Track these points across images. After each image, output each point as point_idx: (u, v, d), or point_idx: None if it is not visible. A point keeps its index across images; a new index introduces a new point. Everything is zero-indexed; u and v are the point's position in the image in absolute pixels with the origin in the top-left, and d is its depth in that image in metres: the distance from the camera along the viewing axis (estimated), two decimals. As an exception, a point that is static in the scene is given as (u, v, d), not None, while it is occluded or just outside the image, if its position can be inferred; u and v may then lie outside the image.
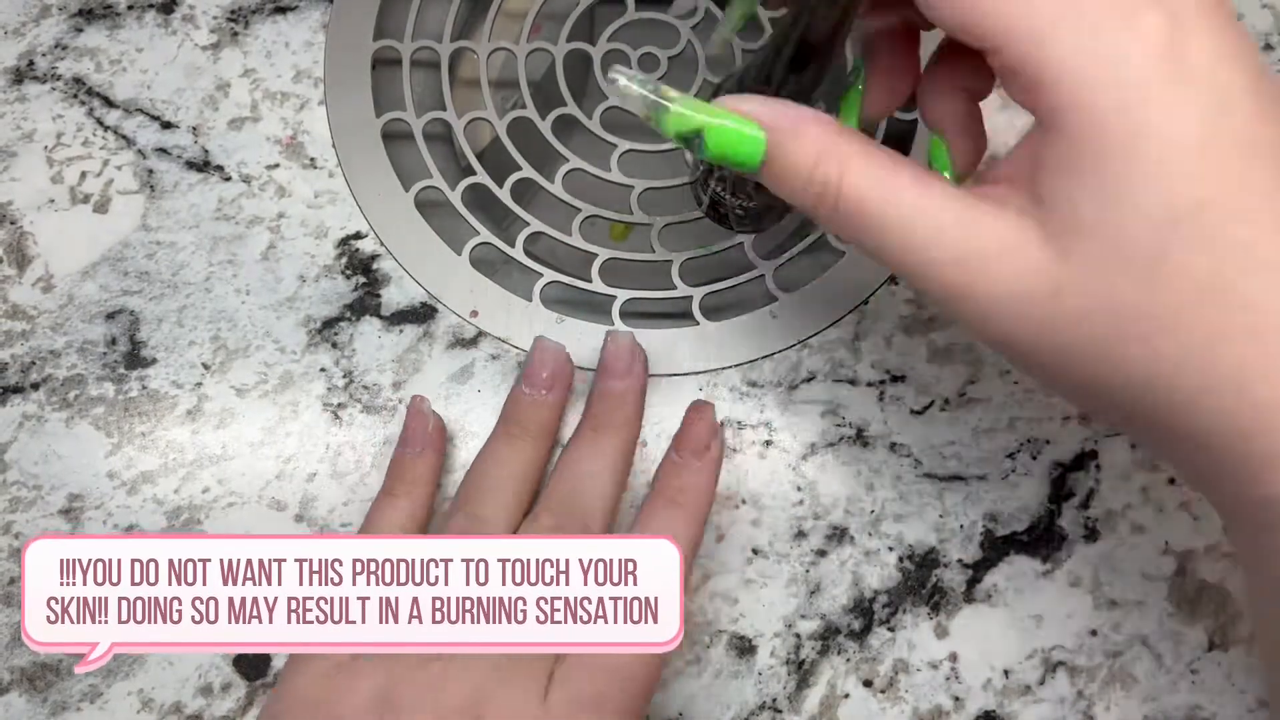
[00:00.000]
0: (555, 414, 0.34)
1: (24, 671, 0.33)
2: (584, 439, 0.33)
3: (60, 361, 0.35)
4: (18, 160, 0.37)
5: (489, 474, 0.33)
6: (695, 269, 0.38)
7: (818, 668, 0.34)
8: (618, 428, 0.34)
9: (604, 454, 0.33)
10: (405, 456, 0.34)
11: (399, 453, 0.34)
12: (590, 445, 0.33)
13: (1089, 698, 0.35)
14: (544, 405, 0.34)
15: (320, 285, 0.37)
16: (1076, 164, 0.22)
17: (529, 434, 0.34)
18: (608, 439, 0.33)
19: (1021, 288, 0.23)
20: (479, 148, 0.40)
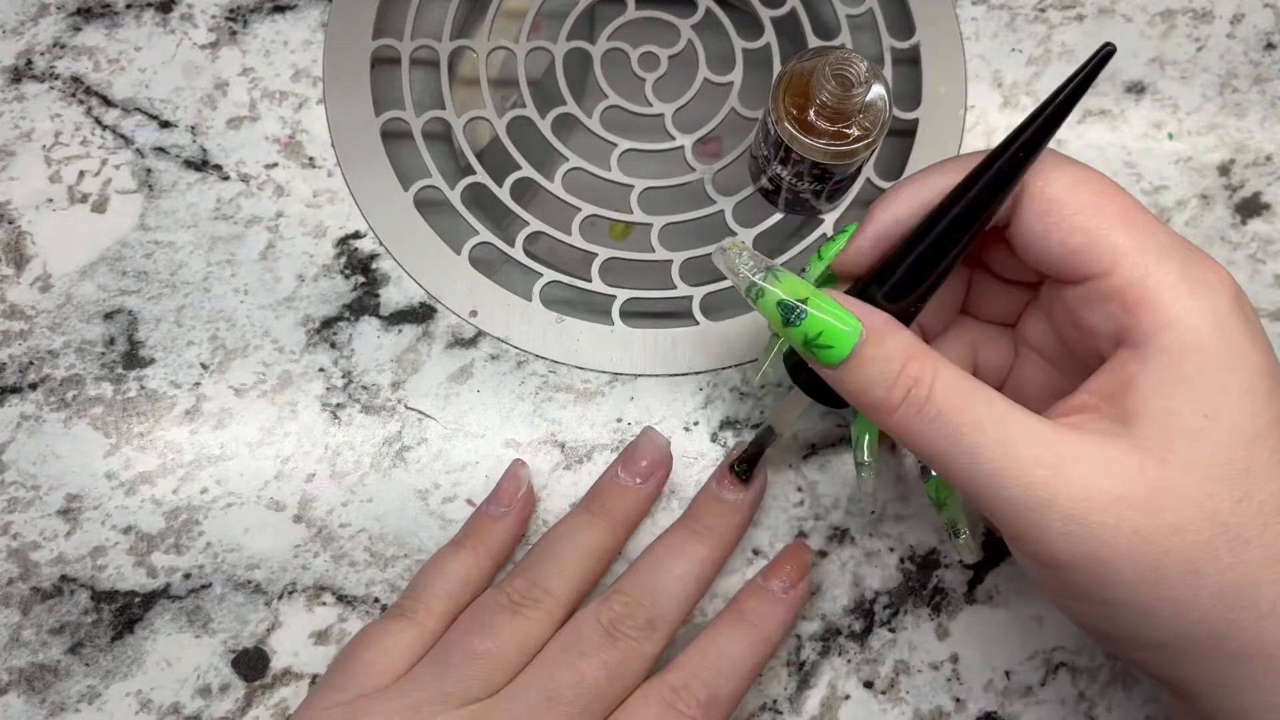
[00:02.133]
0: (641, 506, 0.34)
1: (22, 672, 0.33)
2: (679, 537, 0.32)
3: (58, 361, 0.35)
4: (16, 159, 0.37)
5: (557, 545, 0.32)
6: (695, 269, 0.38)
7: (818, 669, 0.34)
8: (718, 535, 0.33)
9: (695, 559, 0.32)
10: (486, 514, 0.34)
11: (482, 509, 0.34)
12: (684, 544, 0.32)
13: (1090, 699, 0.34)
14: (631, 493, 0.33)
15: (319, 285, 0.36)
16: (1174, 378, 0.23)
17: (609, 517, 0.33)
18: (704, 545, 0.32)
19: (1118, 494, 0.23)
20: (478, 147, 0.39)
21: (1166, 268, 0.24)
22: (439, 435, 0.35)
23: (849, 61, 0.31)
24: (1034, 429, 0.23)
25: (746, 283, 0.25)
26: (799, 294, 0.25)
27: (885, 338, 0.24)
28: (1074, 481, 0.23)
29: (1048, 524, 0.23)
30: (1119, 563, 0.23)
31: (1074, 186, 0.25)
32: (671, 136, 0.39)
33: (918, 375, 0.24)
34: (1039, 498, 0.23)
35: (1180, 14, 0.41)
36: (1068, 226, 0.25)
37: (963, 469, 0.24)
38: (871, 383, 0.24)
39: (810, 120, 0.32)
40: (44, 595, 0.33)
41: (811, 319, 0.24)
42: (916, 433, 0.24)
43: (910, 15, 0.40)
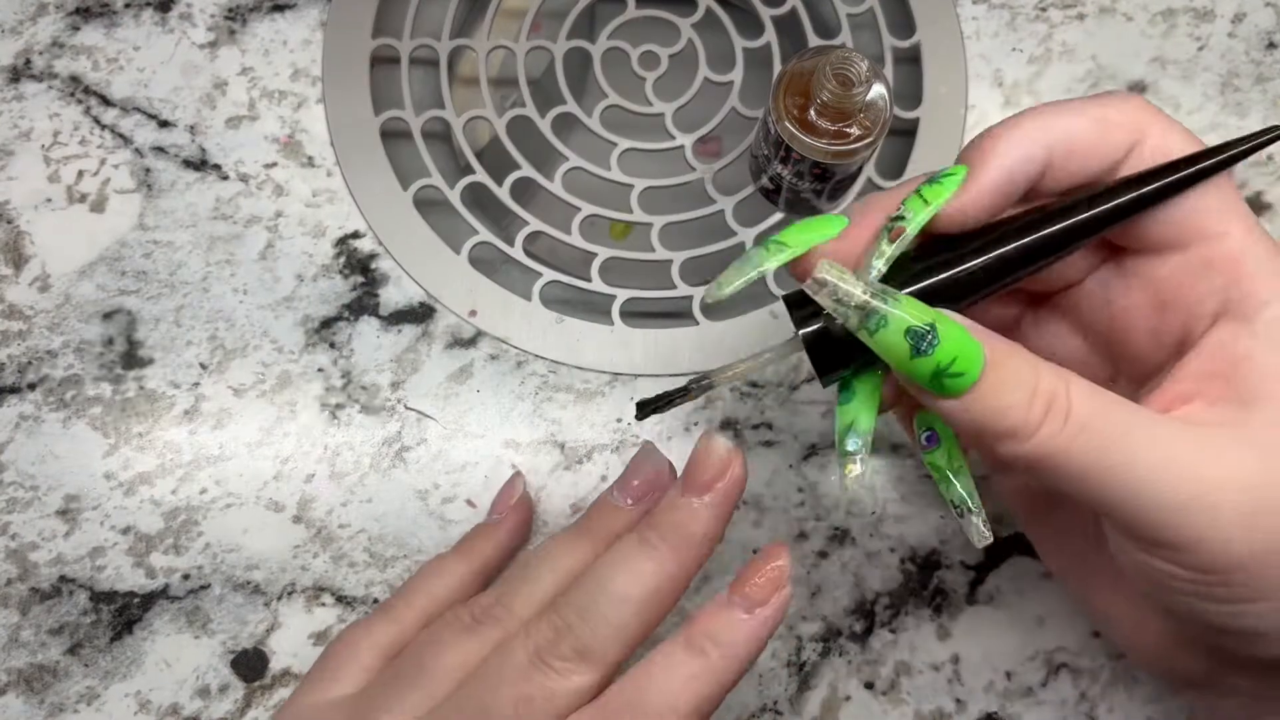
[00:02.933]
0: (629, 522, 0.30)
1: (21, 673, 0.33)
2: (627, 548, 0.27)
3: (57, 361, 0.35)
4: (14, 159, 0.37)
5: (534, 565, 0.29)
6: (695, 269, 0.38)
7: (819, 670, 0.34)
8: (674, 548, 0.27)
9: (642, 577, 0.26)
10: (483, 523, 0.34)
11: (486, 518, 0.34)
12: (630, 558, 0.27)
13: (1091, 699, 0.34)
14: (623, 515, 0.29)
15: (318, 285, 0.36)
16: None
17: (594, 539, 0.29)
18: (654, 560, 0.26)
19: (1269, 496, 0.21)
20: (478, 146, 0.39)
21: (1267, 244, 0.22)
22: (439, 435, 0.35)
23: (849, 61, 0.31)
24: (1178, 430, 0.21)
25: (861, 314, 0.21)
26: (927, 317, 0.21)
27: (1011, 354, 0.21)
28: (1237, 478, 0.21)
29: (1221, 525, 0.21)
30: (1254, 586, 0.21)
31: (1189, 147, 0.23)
32: (671, 136, 0.39)
33: (1053, 389, 0.21)
34: (1207, 498, 0.21)
35: (1181, 13, 0.40)
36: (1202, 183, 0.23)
37: (1115, 482, 0.21)
38: (1007, 407, 0.21)
39: (811, 120, 0.32)
40: (43, 596, 0.33)
41: (946, 344, 0.21)
42: (1060, 451, 0.21)
43: (911, 14, 0.40)
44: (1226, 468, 0.21)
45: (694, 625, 0.26)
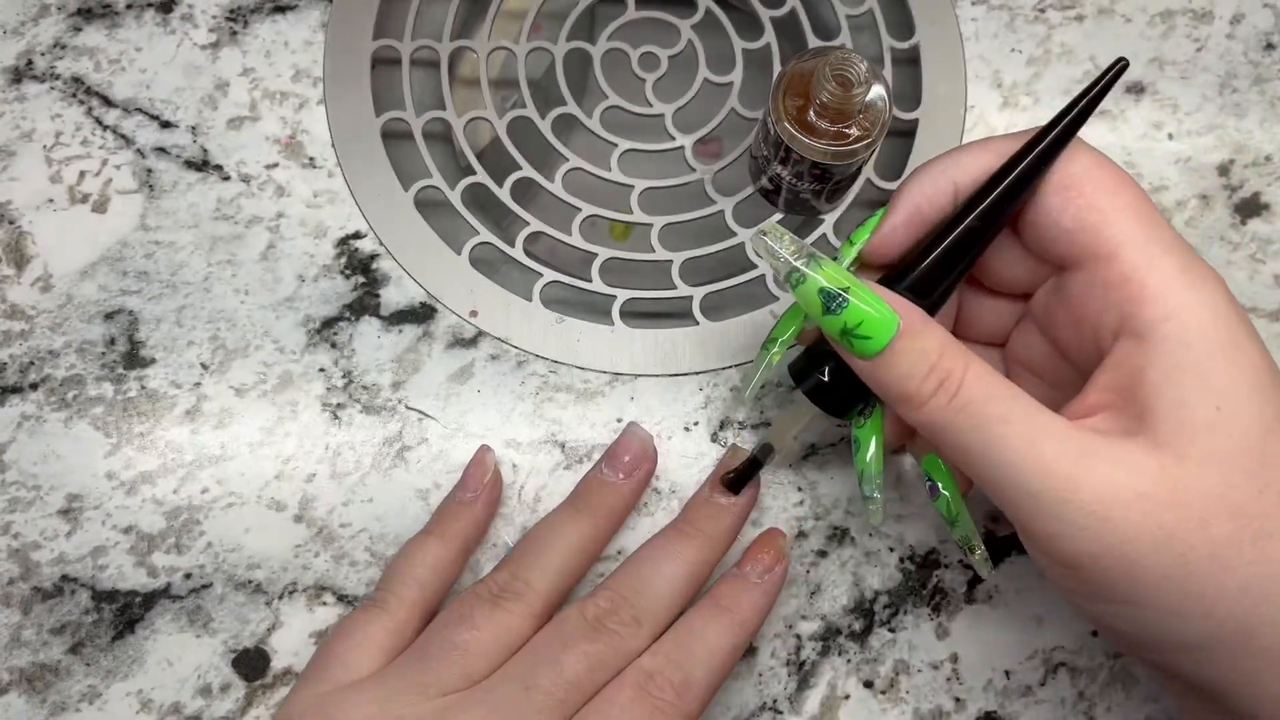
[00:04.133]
0: (626, 501, 0.34)
1: (23, 672, 0.33)
2: (669, 537, 0.32)
3: (59, 361, 0.35)
4: (16, 160, 0.37)
5: (541, 539, 0.32)
6: (695, 269, 0.38)
7: (818, 669, 0.34)
8: (709, 537, 0.32)
9: (684, 560, 0.31)
10: (454, 501, 0.33)
11: (450, 496, 0.34)
12: (673, 545, 0.32)
13: (1090, 698, 0.35)
14: (614, 489, 0.33)
15: (319, 285, 0.36)
16: (1182, 369, 0.23)
17: (593, 513, 0.33)
18: (693, 546, 0.32)
19: (1141, 490, 0.22)
20: (479, 147, 0.39)
21: (1169, 260, 0.24)
22: (439, 435, 0.35)
23: (849, 62, 0.31)
24: (1058, 426, 0.23)
25: (787, 268, 0.25)
26: (841, 282, 0.25)
27: (922, 331, 0.25)
28: (1096, 477, 0.23)
29: (1070, 520, 0.23)
30: (1144, 560, 0.23)
31: (1094, 168, 0.25)
32: (671, 136, 0.39)
33: (950, 368, 0.24)
34: (1061, 492, 0.23)
35: (1180, 14, 0.41)
36: (1084, 203, 0.25)
37: (987, 462, 0.24)
38: (906, 375, 0.24)
39: (810, 120, 0.32)
40: (45, 595, 0.33)
41: (852, 308, 0.24)
42: (944, 424, 0.24)
43: (910, 15, 0.40)
44: (1089, 470, 0.23)
45: (716, 591, 0.31)
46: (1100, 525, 0.23)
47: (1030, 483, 0.23)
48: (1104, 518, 0.22)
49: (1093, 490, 0.23)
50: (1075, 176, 0.25)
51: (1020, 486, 0.23)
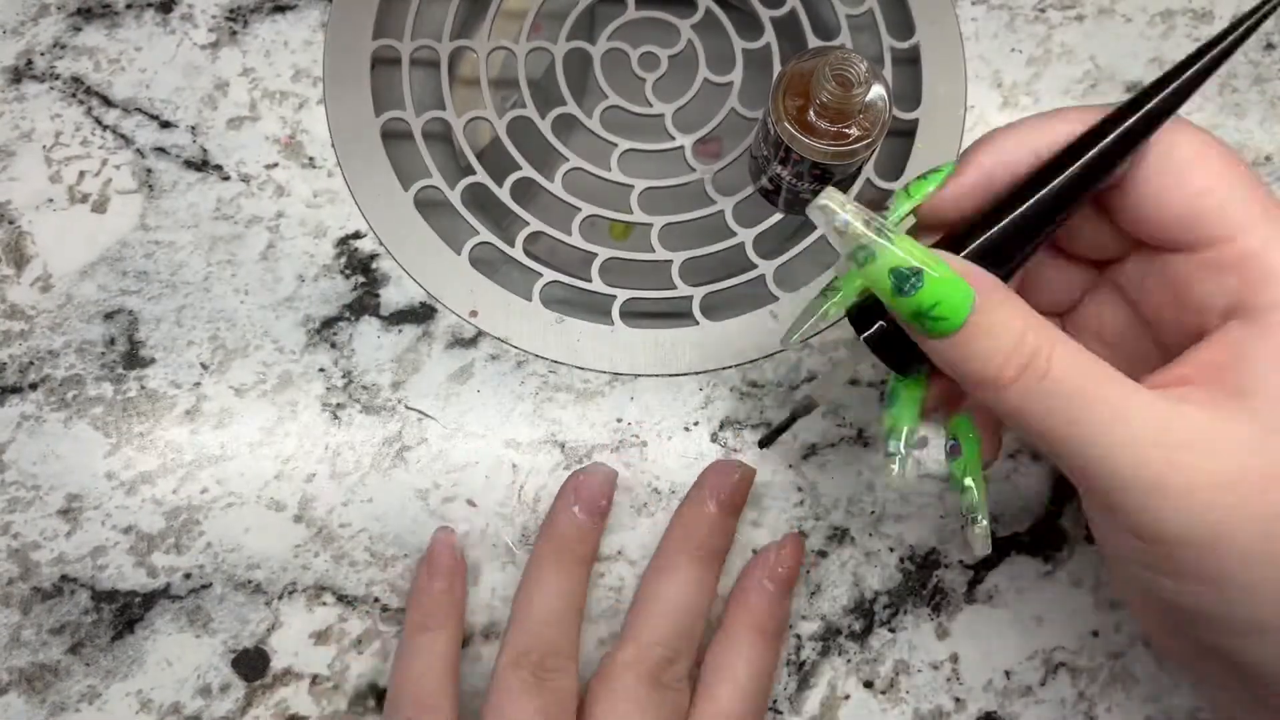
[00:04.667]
0: (599, 540, 0.34)
1: (23, 672, 0.33)
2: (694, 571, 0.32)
3: (58, 361, 0.35)
4: (16, 160, 0.37)
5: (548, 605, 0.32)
6: (695, 269, 0.38)
7: (818, 669, 0.34)
8: (720, 556, 0.33)
9: (709, 590, 0.33)
10: (435, 589, 0.33)
11: (426, 584, 0.33)
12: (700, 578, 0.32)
13: (1090, 698, 0.34)
14: (593, 533, 0.33)
15: (319, 285, 0.36)
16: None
17: (582, 562, 0.33)
18: (712, 572, 0.33)
19: (1229, 476, 0.22)
20: (478, 147, 0.39)
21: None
22: (439, 435, 0.35)
23: (849, 61, 0.31)
24: (1149, 406, 0.22)
25: (853, 243, 0.23)
26: (916, 258, 0.22)
27: (1001, 305, 0.22)
28: (1189, 463, 0.22)
29: (1160, 505, 0.22)
30: (1228, 543, 0.22)
31: (1203, 148, 0.24)
32: (671, 136, 0.39)
33: (1036, 346, 0.22)
34: (1154, 477, 0.22)
35: (1180, 14, 0.41)
36: (1196, 187, 0.23)
37: (1077, 445, 0.22)
38: (987, 354, 0.22)
39: (810, 120, 0.32)
40: (44, 595, 0.33)
41: (928, 287, 0.22)
42: (1031, 408, 0.22)
43: (910, 15, 0.40)
44: (1189, 447, 0.22)
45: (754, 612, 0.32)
46: (1193, 508, 0.22)
47: (1122, 468, 0.22)
48: (1192, 504, 0.22)
49: (1185, 477, 0.22)
50: (1184, 160, 0.23)
51: (1110, 470, 0.22)
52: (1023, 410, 0.23)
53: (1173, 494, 0.22)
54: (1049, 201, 0.24)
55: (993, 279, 0.23)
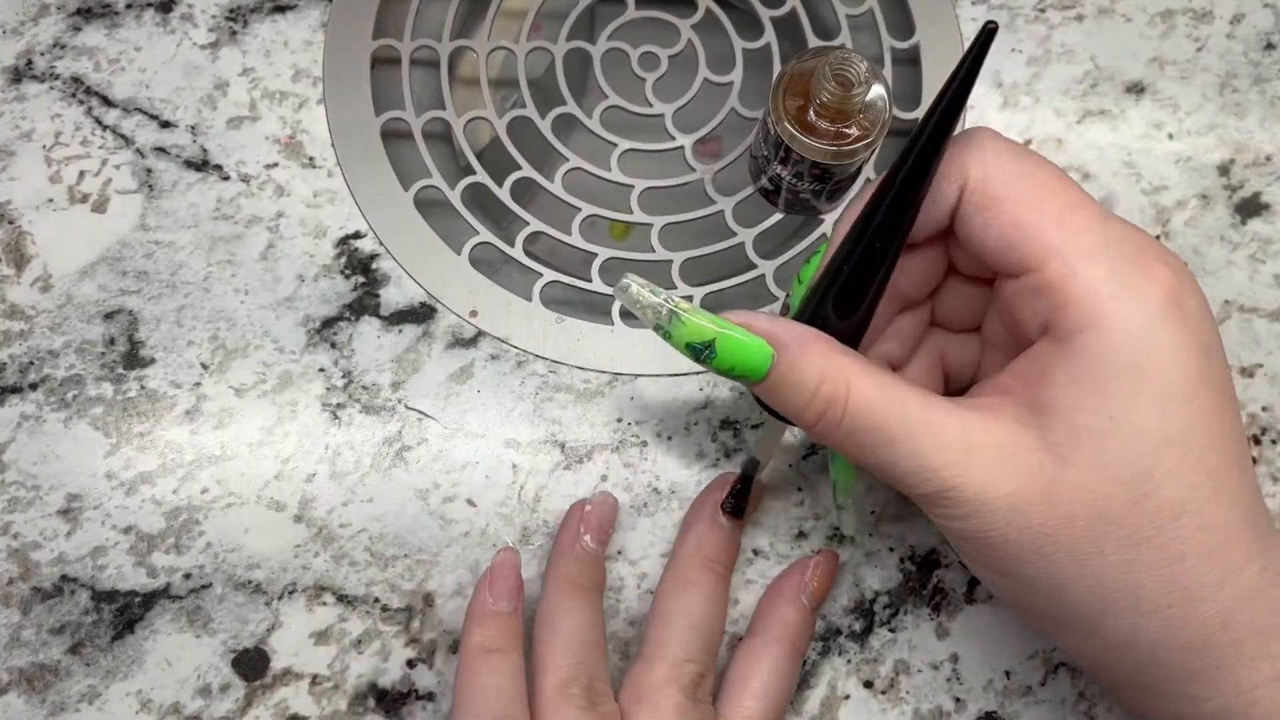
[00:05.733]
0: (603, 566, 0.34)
1: (22, 672, 0.33)
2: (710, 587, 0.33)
3: (58, 361, 0.35)
4: (16, 159, 0.37)
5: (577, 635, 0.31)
6: (695, 269, 0.38)
7: (818, 669, 0.34)
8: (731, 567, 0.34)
9: (724, 602, 0.33)
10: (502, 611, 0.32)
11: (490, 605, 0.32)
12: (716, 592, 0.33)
13: (1090, 698, 0.35)
14: (601, 562, 0.33)
15: (319, 285, 0.36)
16: (1087, 378, 0.24)
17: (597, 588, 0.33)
18: (726, 583, 0.33)
19: (1015, 488, 0.24)
20: (478, 147, 0.39)
21: (1096, 269, 0.24)
22: (439, 435, 0.35)
23: (849, 61, 0.31)
24: (945, 433, 0.24)
25: (653, 324, 0.26)
26: (704, 335, 0.25)
27: (800, 360, 0.25)
28: (978, 473, 0.24)
29: (950, 510, 0.25)
30: (1008, 542, 0.24)
31: (1015, 179, 0.25)
32: (671, 136, 0.39)
33: (831, 394, 0.25)
34: (949, 495, 0.24)
35: (1180, 14, 0.41)
36: (1005, 221, 0.25)
37: (881, 472, 0.26)
38: (789, 403, 0.26)
39: (810, 120, 0.32)
40: (44, 595, 0.33)
41: (721, 355, 0.25)
42: (838, 442, 0.26)
43: (910, 15, 0.40)
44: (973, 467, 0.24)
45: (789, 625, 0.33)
46: (977, 513, 0.24)
47: (919, 486, 0.25)
48: (979, 508, 0.24)
49: (974, 485, 0.24)
50: (994, 195, 0.25)
51: (911, 488, 0.25)
52: (832, 444, 0.26)
53: (961, 502, 0.24)
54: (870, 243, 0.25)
55: (800, 333, 0.25)
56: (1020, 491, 0.24)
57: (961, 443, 0.24)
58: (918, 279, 0.28)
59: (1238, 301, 0.38)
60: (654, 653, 0.32)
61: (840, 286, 0.26)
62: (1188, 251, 0.38)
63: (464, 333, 0.36)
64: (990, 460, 0.24)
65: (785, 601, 0.33)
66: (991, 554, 0.25)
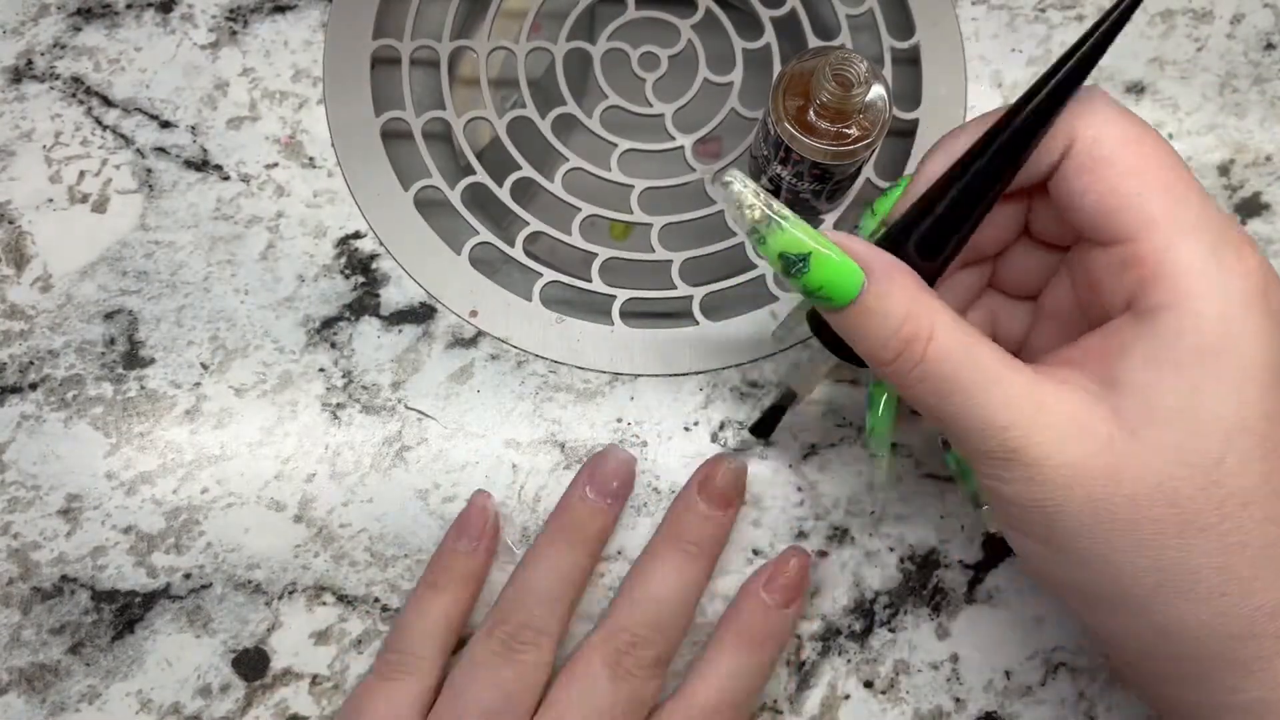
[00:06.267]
0: (612, 525, 0.34)
1: (22, 672, 0.33)
2: (676, 562, 0.32)
3: (58, 361, 0.35)
4: (16, 159, 0.37)
5: (541, 580, 0.32)
6: (695, 269, 0.38)
7: (818, 669, 0.34)
8: (708, 552, 0.33)
9: (693, 584, 0.32)
10: (455, 551, 0.33)
11: (451, 544, 0.33)
12: (682, 570, 0.32)
13: (1090, 698, 0.34)
14: (603, 514, 0.33)
15: (319, 285, 0.36)
16: (1168, 355, 0.23)
17: (586, 542, 0.33)
18: (698, 566, 0.33)
19: (1079, 459, 0.23)
20: (478, 147, 0.39)
21: (1192, 245, 0.23)
22: (439, 435, 0.35)
23: (849, 61, 0.31)
24: (1016, 392, 0.24)
25: (748, 225, 0.25)
26: (802, 247, 0.24)
27: (887, 292, 0.24)
28: (1042, 441, 0.23)
29: (1007, 473, 0.24)
30: (1063, 514, 0.24)
31: (1122, 145, 0.24)
32: (671, 136, 0.39)
33: (914, 334, 0.24)
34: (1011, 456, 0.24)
35: (1180, 14, 0.41)
36: (1106, 187, 0.24)
37: (944, 422, 0.25)
38: (871, 334, 0.24)
39: (810, 120, 0.32)
40: (44, 595, 0.33)
41: (814, 271, 0.24)
42: (909, 385, 0.25)
43: (910, 15, 0.40)
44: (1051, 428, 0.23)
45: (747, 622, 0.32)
46: (1034, 479, 0.24)
47: (981, 442, 0.24)
48: (1037, 474, 0.23)
49: (1037, 450, 0.23)
50: (1099, 159, 0.24)
51: (974, 444, 0.24)
52: (902, 385, 0.25)
53: (1023, 463, 0.23)
54: (966, 193, 0.25)
55: (891, 263, 0.24)
56: (1084, 463, 0.23)
57: (1032, 405, 0.23)
58: (991, 234, 0.28)
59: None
60: (600, 621, 0.32)
61: (929, 226, 0.25)
62: (1188, 251, 0.38)
63: (464, 333, 0.36)
64: (1059, 427, 0.23)
65: (744, 597, 0.33)
66: (1042, 523, 0.24)
